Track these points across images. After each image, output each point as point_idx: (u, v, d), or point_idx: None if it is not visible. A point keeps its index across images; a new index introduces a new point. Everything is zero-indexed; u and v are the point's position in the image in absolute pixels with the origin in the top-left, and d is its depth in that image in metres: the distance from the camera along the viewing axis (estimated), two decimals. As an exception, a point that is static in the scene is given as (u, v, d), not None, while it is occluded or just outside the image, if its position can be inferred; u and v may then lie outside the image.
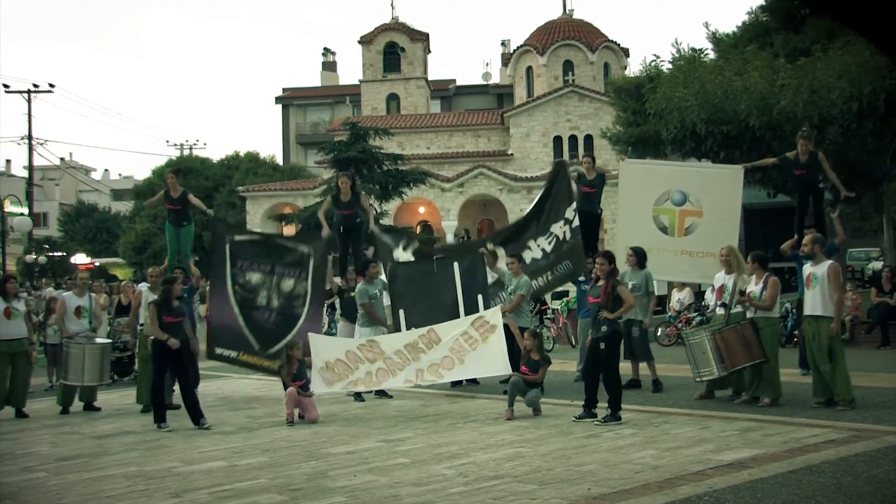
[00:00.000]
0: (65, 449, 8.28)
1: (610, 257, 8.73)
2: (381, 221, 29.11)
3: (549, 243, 11.47)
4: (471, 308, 10.46)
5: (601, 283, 8.60)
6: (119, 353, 14.26)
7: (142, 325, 11.03)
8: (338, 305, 19.79)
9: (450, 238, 34.89)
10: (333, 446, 7.80)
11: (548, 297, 18.07)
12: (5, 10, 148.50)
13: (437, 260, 11.50)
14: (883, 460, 6.42)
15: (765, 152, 17.70)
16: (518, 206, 35.90)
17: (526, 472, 6.41)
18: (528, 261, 11.28)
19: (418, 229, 37.05)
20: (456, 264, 10.87)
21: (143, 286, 11.58)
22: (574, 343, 15.45)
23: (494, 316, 9.80)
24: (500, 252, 11.48)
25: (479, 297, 10.66)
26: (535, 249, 11.51)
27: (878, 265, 20.59)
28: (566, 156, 38.91)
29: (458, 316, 10.29)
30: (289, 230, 33.52)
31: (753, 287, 9.36)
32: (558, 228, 11.43)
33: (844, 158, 17.36)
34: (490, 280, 11.13)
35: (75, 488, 6.55)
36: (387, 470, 6.71)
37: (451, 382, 11.16)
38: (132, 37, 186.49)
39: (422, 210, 38.62)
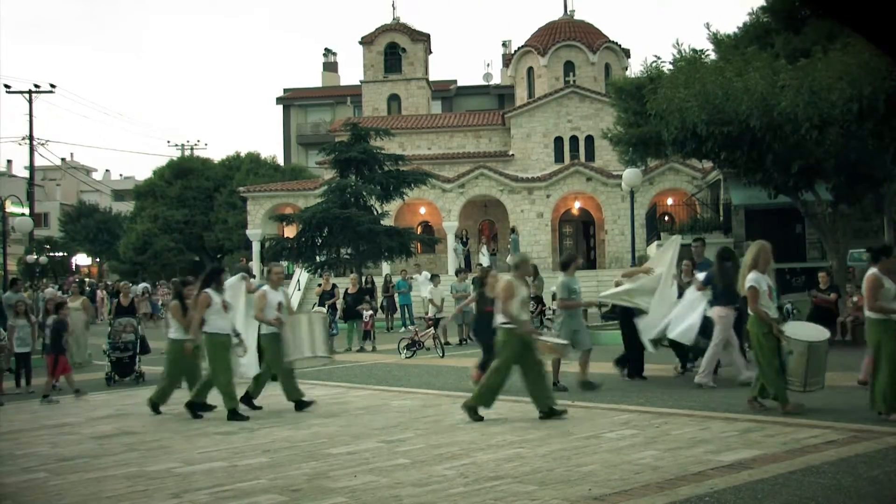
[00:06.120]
0: (65, 449, 8.28)
1: None
2: (381, 222, 29.26)
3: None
4: None
5: None
6: (120, 353, 14.32)
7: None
8: (338, 306, 19.82)
9: (450, 238, 34.88)
10: (334, 447, 7.80)
11: (547, 297, 18.09)
12: (6, 10, 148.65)
13: None
14: (883, 461, 6.43)
15: (765, 153, 17.67)
16: (519, 207, 35.88)
17: (526, 473, 6.41)
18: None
19: (419, 230, 37.06)
20: None
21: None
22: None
23: None
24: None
25: None
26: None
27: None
28: (567, 157, 38.95)
29: None
30: (290, 230, 33.54)
31: None
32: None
33: (845, 159, 17.33)
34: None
35: (75, 488, 6.55)
36: (387, 470, 6.71)
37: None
38: (133, 37, 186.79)
39: (423, 210, 38.63)
